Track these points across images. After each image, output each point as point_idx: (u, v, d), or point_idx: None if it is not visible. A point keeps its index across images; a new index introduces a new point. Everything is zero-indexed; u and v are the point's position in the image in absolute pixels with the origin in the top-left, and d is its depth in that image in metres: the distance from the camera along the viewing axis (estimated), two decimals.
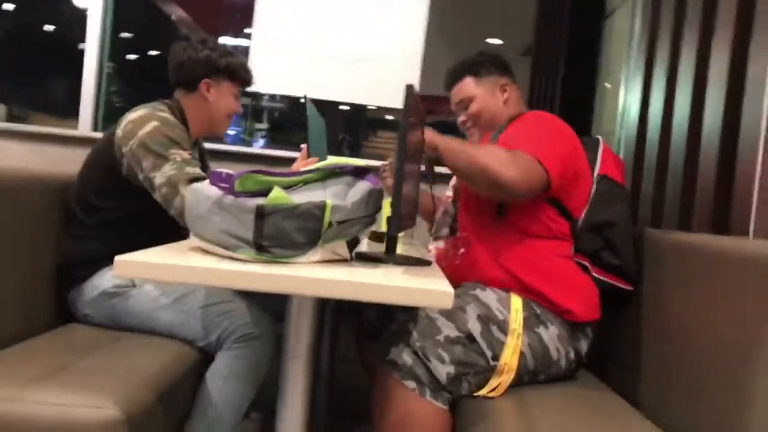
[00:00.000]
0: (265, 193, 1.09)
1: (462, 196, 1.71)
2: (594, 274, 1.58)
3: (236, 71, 1.86)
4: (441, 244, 1.71)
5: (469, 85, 1.77)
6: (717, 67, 1.60)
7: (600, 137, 1.71)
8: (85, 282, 1.65)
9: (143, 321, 1.61)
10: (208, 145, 2.28)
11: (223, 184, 1.11)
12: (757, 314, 1.10)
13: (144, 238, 1.27)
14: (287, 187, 1.13)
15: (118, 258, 0.94)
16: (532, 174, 1.43)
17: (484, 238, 1.60)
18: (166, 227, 1.58)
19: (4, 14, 4.61)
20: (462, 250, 1.61)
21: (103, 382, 1.25)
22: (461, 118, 1.82)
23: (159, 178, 1.59)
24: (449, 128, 1.89)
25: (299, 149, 1.87)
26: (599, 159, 1.64)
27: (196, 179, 1.56)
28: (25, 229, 1.59)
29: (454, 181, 1.82)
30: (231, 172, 1.12)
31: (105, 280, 1.63)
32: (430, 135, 1.46)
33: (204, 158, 2.01)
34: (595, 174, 1.62)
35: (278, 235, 1.05)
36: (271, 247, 1.05)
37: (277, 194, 1.08)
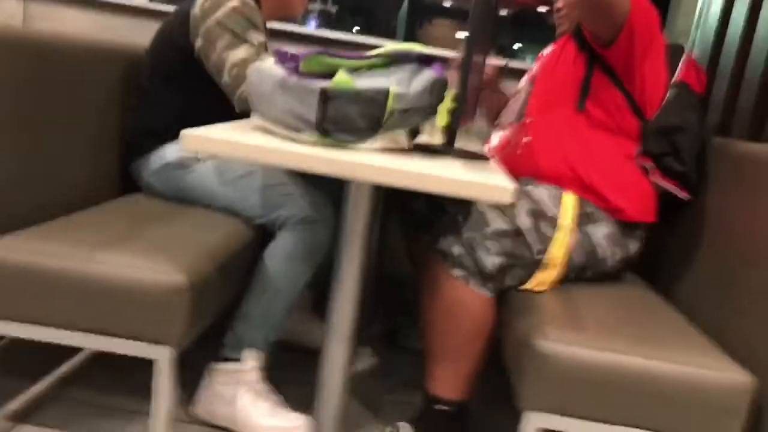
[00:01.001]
0: (329, 75, 1.09)
1: (540, 79, 1.68)
2: (652, 178, 1.55)
3: None
4: (506, 131, 1.70)
5: None
6: None
7: (683, 45, 1.63)
8: (150, 152, 1.70)
9: (204, 195, 1.66)
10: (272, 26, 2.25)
11: (288, 64, 1.11)
12: None
13: (212, 115, 1.29)
14: (352, 71, 1.12)
15: (185, 132, 0.96)
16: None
17: (552, 126, 1.57)
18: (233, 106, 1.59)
19: None
20: (526, 138, 1.60)
21: (168, 250, 1.32)
22: (558, 3, 1.75)
23: (232, 57, 1.58)
24: (528, 19, 1.82)
25: (351, 32, 1.82)
26: (681, 66, 1.58)
27: None
28: (91, 98, 1.63)
29: (535, 67, 1.77)
30: (296, 52, 1.12)
31: (171, 152, 1.67)
32: None
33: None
34: (674, 79, 1.56)
35: (341, 119, 1.05)
36: (334, 131, 1.06)
37: (341, 78, 1.07)
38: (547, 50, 1.77)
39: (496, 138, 1.75)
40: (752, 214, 1.33)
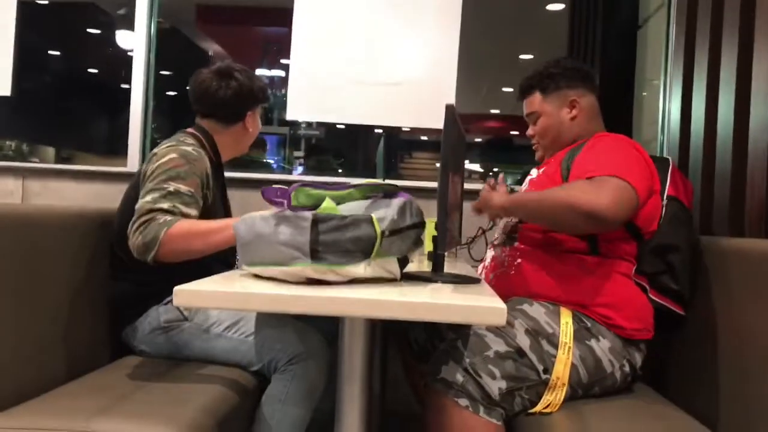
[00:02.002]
0: (316, 207, 1.15)
1: None
2: (651, 295, 1.56)
3: (266, 93, 1.86)
4: (498, 251, 1.71)
5: (535, 101, 1.75)
6: (760, 69, 1.58)
7: (670, 158, 1.67)
8: (137, 320, 1.68)
9: (198, 351, 1.64)
10: (253, 175, 2.34)
11: (279, 199, 1.15)
12: None
13: (191, 274, 1.25)
14: (335, 200, 1.18)
15: (177, 288, 0.97)
16: (625, 196, 1.38)
17: (546, 253, 1.58)
18: (209, 262, 1.58)
19: (51, 59, 4.82)
20: (519, 260, 1.61)
21: (164, 411, 1.28)
22: (529, 132, 1.80)
23: (138, 203, 1.54)
24: (502, 143, 1.91)
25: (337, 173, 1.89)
26: (668, 180, 1.61)
27: (177, 213, 1.52)
28: (82, 267, 1.64)
29: (525, 187, 1.80)
30: (284, 187, 1.17)
31: (156, 315, 1.66)
32: (495, 201, 1.51)
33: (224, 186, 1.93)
34: (665, 195, 1.60)
35: (333, 242, 1.07)
36: (325, 253, 1.07)
37: (328, 205, 1.13)
38: (534, 173, 1.82)
39: (489, 257, 1.76)
40: (745, 308, 1.32)
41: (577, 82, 1.73)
